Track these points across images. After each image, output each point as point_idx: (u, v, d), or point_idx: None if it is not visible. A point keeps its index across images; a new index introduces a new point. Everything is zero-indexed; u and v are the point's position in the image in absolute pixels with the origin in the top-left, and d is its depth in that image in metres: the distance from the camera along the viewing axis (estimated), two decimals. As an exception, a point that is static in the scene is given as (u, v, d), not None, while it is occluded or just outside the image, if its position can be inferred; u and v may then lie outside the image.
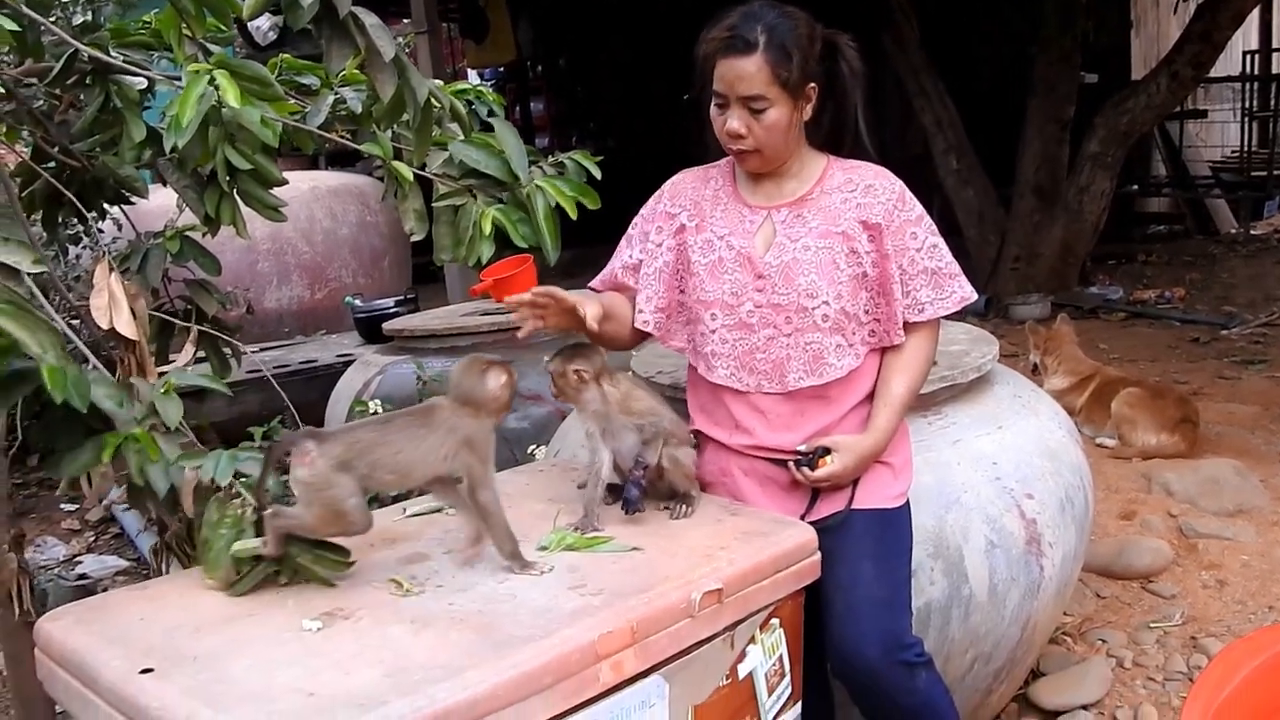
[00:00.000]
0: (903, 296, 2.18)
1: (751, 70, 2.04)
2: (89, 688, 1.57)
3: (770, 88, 2.05)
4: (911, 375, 2.22)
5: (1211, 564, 3.72)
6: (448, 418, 1.87)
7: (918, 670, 2.07)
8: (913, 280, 2.18)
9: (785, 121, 2.10)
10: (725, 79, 2.07)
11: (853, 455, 2.15)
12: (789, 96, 2.07)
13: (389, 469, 1.80)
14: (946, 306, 2.21)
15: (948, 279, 2.21)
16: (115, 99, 2.26)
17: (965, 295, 2.23)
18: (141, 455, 1.83)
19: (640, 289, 2.28)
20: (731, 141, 2.13)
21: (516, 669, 1.50)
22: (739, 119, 2.09)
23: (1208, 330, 7.15)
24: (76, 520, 5.05)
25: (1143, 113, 7.92)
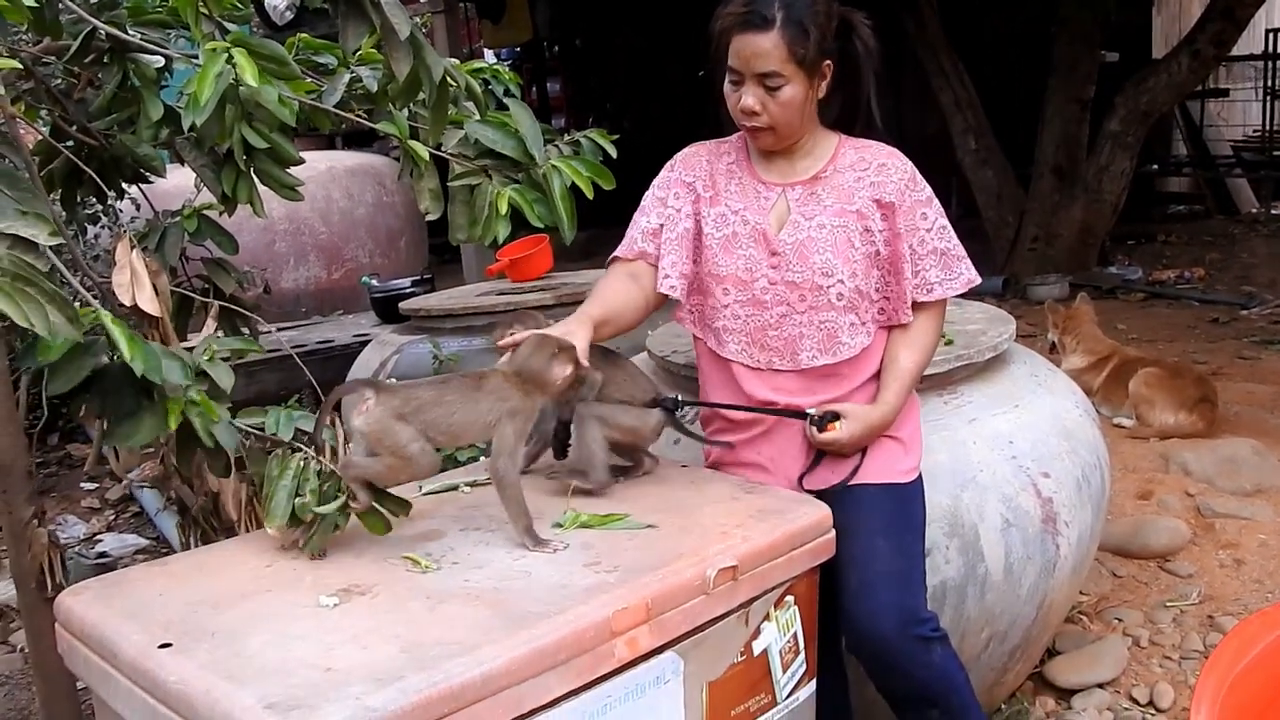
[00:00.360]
0: (913, 276, 2.18)
1: (768, 47, 2.03)
2: (109, 662, 1.59)
3: (786, 65, 2.04)
4: (919, 353, 2.22)
5: (1229, 543, 3.70)
6: (499, 386, 1.92)
7: (933, 645, 2.07)
8: (922, 260, 2.18)
9: (800, 99, 2.09)
10: (741, 55, 2.06)
11: (860, 425, 2.15)
12: (805, 74, 2.06)
13: (442, 429, 1.86)
14: (954, 288, 2.21)
15: (956, 260, 2.21)
16: (133, 77, 2.27)
17: (971, 278, 2.23)
18: (204, 417, 1.86)
19: (663, 254, 2.25)
20: (745, 119, 2.12)
21: (531, 645, 1.50)
22: (754, 96, 2.08)
23: (1227, 310, 7.11)
24: (97, 499, 5.09)
25: (1164, 92, 7.85)
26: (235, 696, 1.37)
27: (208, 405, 1.86)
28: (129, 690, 1.53)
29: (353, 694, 1.35)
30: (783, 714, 1.96)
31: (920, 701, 2.13)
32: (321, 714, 1.31)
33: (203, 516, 2.50)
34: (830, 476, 2.19)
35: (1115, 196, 8.14)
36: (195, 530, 2.54)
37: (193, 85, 1.93)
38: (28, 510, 2.30)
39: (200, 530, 2.53)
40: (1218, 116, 11.83)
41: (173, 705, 1.44)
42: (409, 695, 1.37)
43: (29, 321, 1.65)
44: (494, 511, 1.98)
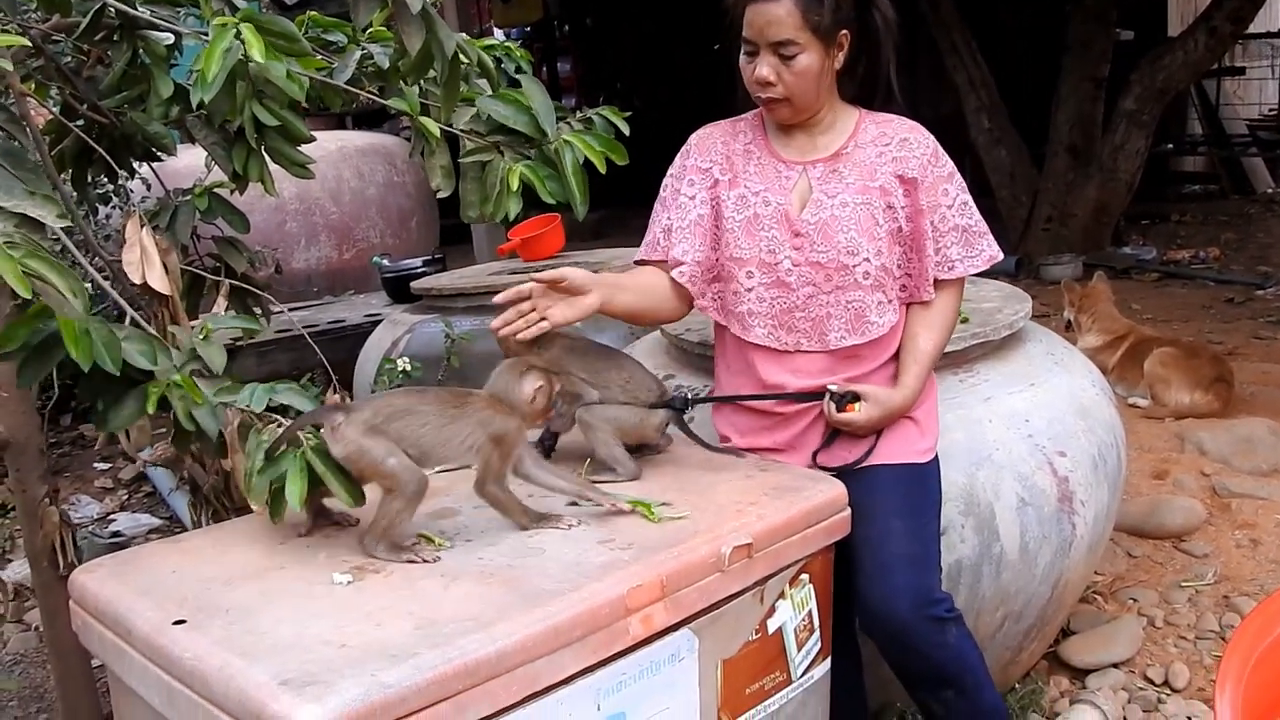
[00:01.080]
0: (934, 253, 2.16)
1: (781, 14, 2.00)
2: (123, 639, 1.59)
3: (801, 32, 2.01)
4: (938, 332, 2.20)
5: (1245, 523, 3.69)
6: (481, 409, 1.84)
7: (947, 626, 2.06)
8: (944, 237, 2.16)
9: (816, 68, 2.05)
10: (755, 24, 2.03)
11: (879, 409, 2.13)
12: (820, 42, 2.03)
13: (410, 442, 1.76)
14: (976, 265, 2.19)
15: (977, 237, 2.19)
16: (143, 54, 2.26)
17: (993, 254, 2.21)
18: (186, 400, 1.85)
19: (675, 243, 2.22)
20: (760, 89, 2.09)
21: (546, 622, 1.50)
22: (769, 66, 2.05)
23: (1243, 290, 7.06)
24: (110, 479, 5.11)
25: (1179, 70, 7.79)
26: (249, 673, 1.36)
27: (190, 388, 1.83)
28: (143, 667, 1.53)
29: (367, 670, 1.35)
30: (797, 692, 1.96)
31: (935, 682, 2.12)
32: (336, 690, 1.31)
33: (214, 495, 2.50)
34: (845, 455, 2.17)
35: (1130, 176, 8.09)
36: (207, 509, 2.54)
37: (201, 61, 1.91)
38: (40, 489, 2.31)
39: (212, 509, 2.53)
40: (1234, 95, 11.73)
41: (187, 682, 1.44)
42: (423, 671, 1.36)
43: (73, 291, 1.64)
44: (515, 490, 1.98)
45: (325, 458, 1.76)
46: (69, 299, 1.63)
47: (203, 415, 1.86)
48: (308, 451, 1.76)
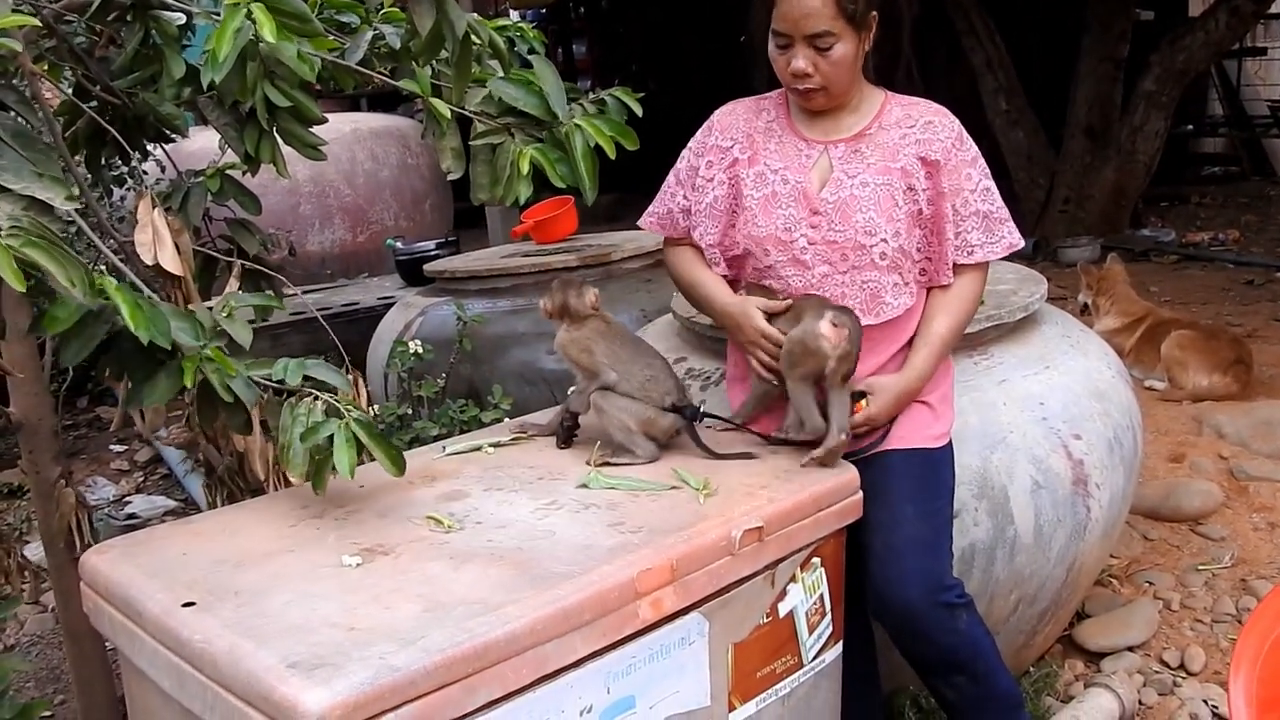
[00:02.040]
0: (954, 237, 2.14)
1: (817, 5, 1.98)
2: (133, 621, 1.59)
3: (836, 22, 1.99)
4: (955, 316, 2.18)
5: (1262, 506, 3.66)
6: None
7: (958, 611, 2.05)
8: (965, 221, 2.14)
9: (852, 56, 2.04)
10: (789, 18, 2.01)
11: (889, 396, 2.11)
12: (854, 29, 2.02)
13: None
14: (996, 251, 2.16)
15: (998, 223, 2.16)
16: (155, 35, 2.25)
17: (1014, 241, 2.18)
18: (220, 373, 1.85)
19: (695, 225, 2.23)
20: (797, 81, 2.07)
21: (555, 604, 1.49)
22: (805, 58, 2.03)
23: (1263, 273, 7.00)
24: (126, 461, 5.13)
25: (1200, 50, 7.72)
26: (258, 655, 1.36)
27: (223, 361, 1.84)
28: (153, 649, 1.53)
29: (376, 653, 1.35)
30: (809, 676, 1.95)
31: (946, 668, 2.12)
32: (345, 673, 1.31)
33: (229, 476, 2.50)
34: (858, 441, 2.15)
35: (1149, 157, 8.03)
36: (221, 491, 2.54)
37: (212, 41, 1.91)
38: (54, 470, 2.31)
39: (226, 491, 2.53)
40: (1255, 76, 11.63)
41: (196, 663, 1.44)
42: (432, 654, 1.36)
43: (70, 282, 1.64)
44: (517, 472, 1.98)
45: (368, 427, 1.79)
46: (69, 288, 1.62)
47: (239, 386, 1.87)
48: (350, 422, 1.77)
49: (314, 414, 1.84)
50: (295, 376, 1.90)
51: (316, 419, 1.83)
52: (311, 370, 1.92)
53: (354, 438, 1.78)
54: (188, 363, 1.84)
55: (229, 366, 1.86)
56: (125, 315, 1.69)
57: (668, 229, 2.31)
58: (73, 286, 1.64)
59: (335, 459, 1.76)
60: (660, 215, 2.32)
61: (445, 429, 3.27)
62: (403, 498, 1.89)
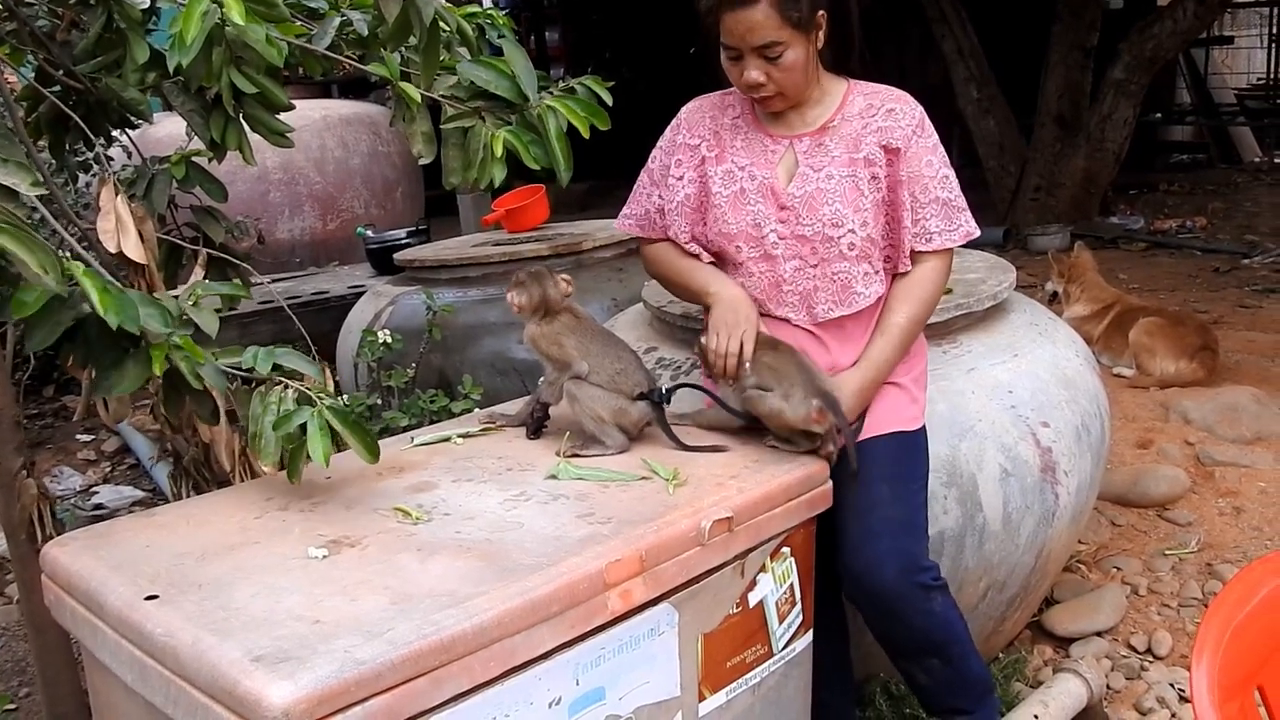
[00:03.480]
0: (912, 225, 2.13)
1: (760, 18, 1.96)
2: (95, 614, 1.57)
3: (782, 30, 1.98)
4: (914, 304, 2.16)
5: (1228, 491, 3.70)
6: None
7: (933, 593, 2.06)
8: (924, 209, 2.13)
9: (803, 60, 2.03)
10: (735, 32, 2.00)
11: (850, 394, 2.10)
12: (802, 34, 2.00)
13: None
14: (954, 239, 2.16)
15: (957, 211, 2.16)
16: (118, 19, 2.22)
17: (970, 230, 2.17)
18: (189, 360, 1.83)
19: (670, 223, 2.23)
20: (752, 91, 2.07)
21: (523, 596, 1.49)
22: (756, 69, 2.02)
23: (1229, 259, 7.08)
24: (93, 451, 5.07)
25: (1168, 39, 7.77)
26: (222, 649, 1.35)
27: (192, 348, 1.82)
28: (115, 642, 1.51)
29: (341, 646, 1.34)
30: (779, 665, 1.95)
31: (920, 650, 2.12)
32: (309, 666, 1.30)
33: (194, 468, 2.48)
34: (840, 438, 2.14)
35: (1118, 145, 8.08)
36: (187, 481, 2.52)
37: (178, 24, 1.88)
38: (16, 461, 2.28)
39: (192, 481, 2.51)
40: (1222, 64, 11.73)
41: (159, 657, 1.42)
42: (398, 647, 1.35)
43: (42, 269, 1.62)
44: (486, 463, 1.97)
45: (342, 415, 1.78)
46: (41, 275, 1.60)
47: (209, 373, 1.85)
48: (323, 410, 1.76)
49: (285, 402, 1.83)
50: (265, 364, 1.88)
51: (288, 407, 1.82)
52: (281, 358, 1.89)
53: (327, 425, 1.77)
54: (156, 350, 1.81)
55: (198, 354, 1.84)
56: (94, 299, 1.66)
57: (646, 229, 2.30)
58: (45, 273, 1.62)
59: (310, 447, 1.75)
60: (639, 217, 2.31)
61: (415, 419, 3.25)
62: (370, 489, 1.87)
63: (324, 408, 1.78)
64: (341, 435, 1.79)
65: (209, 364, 1.86)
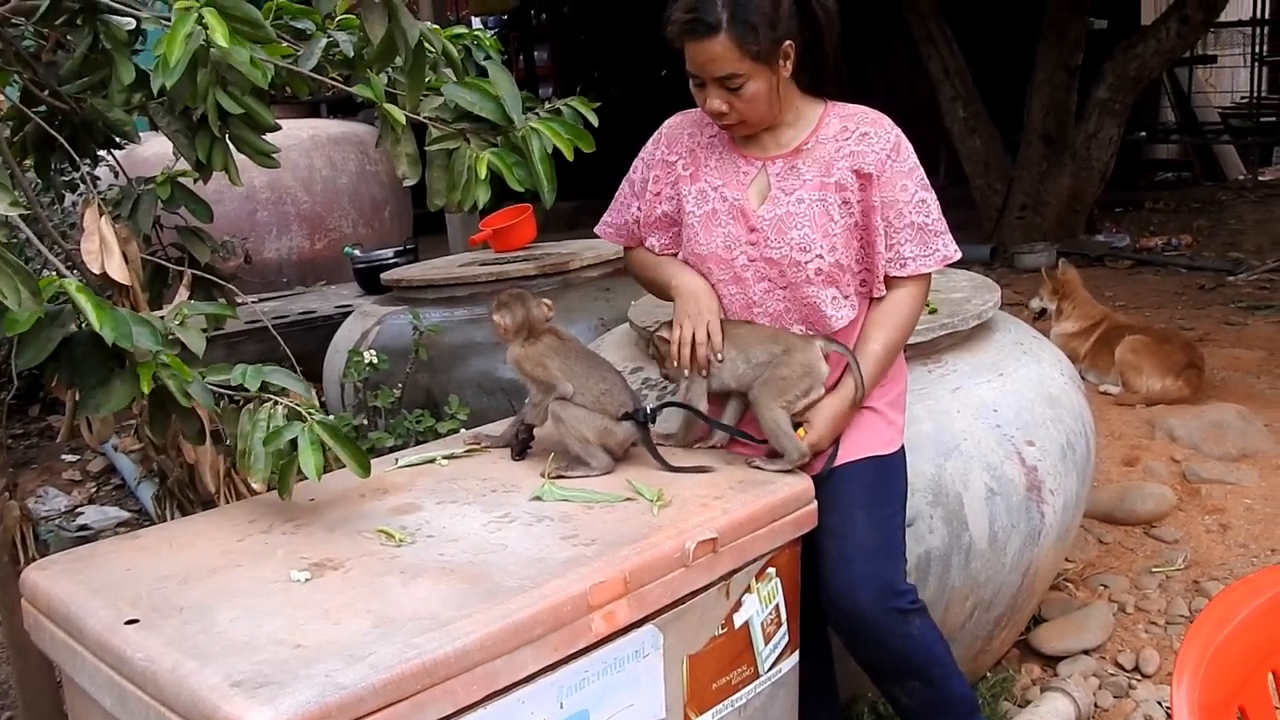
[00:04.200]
0: (885, 250, 2.12)
1: (719, 51, 1.97)
2: (74, 639, 1.56)
3: (742, 64, 1.98)
4: (891, 331, 2.15)
5: (1215, 508, 3.71)
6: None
7: (911, 617, 2.05)
8: (898, 234, 2.12)
9: (765, 90, 2.03)
10: (695, 61, 2.01)
11: (824, 424, 2.09)
12: (764, 66, 2.00)
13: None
14: (929, 264, 2.14)
15: (934, 235, 2.14)
16: (104, 39, 2.22)
17: (948, 254, 2.16)
18: (177, 379, 1.83)
19: (647, 235, 2.25)
20: (715, 119, 2.09)
21: (506, 619, 1.48)
22: (718, 98, 2.03)
23: (1214, 277, 7.10)
24: (78, 471, 5.05)
25: (1152, 58, 7.82)
26: (202, 674, 1.34)
27: (180, 367, 1.82)
28: (95, 667, 1.50)
29: (322, 671, 1.33)
30: (765, 686, 1.95)
31: (900, 673, 2.12)
32: (290, 691, 1.29)
33: (179, 489, 2.47)
34: (814, 465, 2.13)
35: (1103, 164, 8.12)
36: (171, 503, 2.51)
37: (162, 46, 1.88)
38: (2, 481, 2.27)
39: (176, 503, 2.50)
40: (1206, 83, 11.81)
41: (138, 682, 1.41)
42: (380, 671, 1.34)
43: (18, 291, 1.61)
44: (471, 485, 1.96)
45: (333, 430, 1.78)
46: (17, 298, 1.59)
47: (198, 391, 1.85)
48: (314, 425, 1.75)
49: (275, 418, 1.83)
50: (254, 381, 1.89)
51: (279, 423, 1.82)
52: (270, 375, 1.90)
53: (319, 440, 1.77)
54: (143, 368, 1.80)
55: (185, 372, 1.84)
56: (90, 315, 1.66)
57: (624, 238, 2.33)
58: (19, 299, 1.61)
59: (301, 462, 1.76)
60: (617, 226, 2.33)
61: (401, 440, 3.25)
62: (353, 511, 1.87)
63: (315, 423, 1.78)
64: (332, 450, 1.79)
65: (196, 382, 1.85)
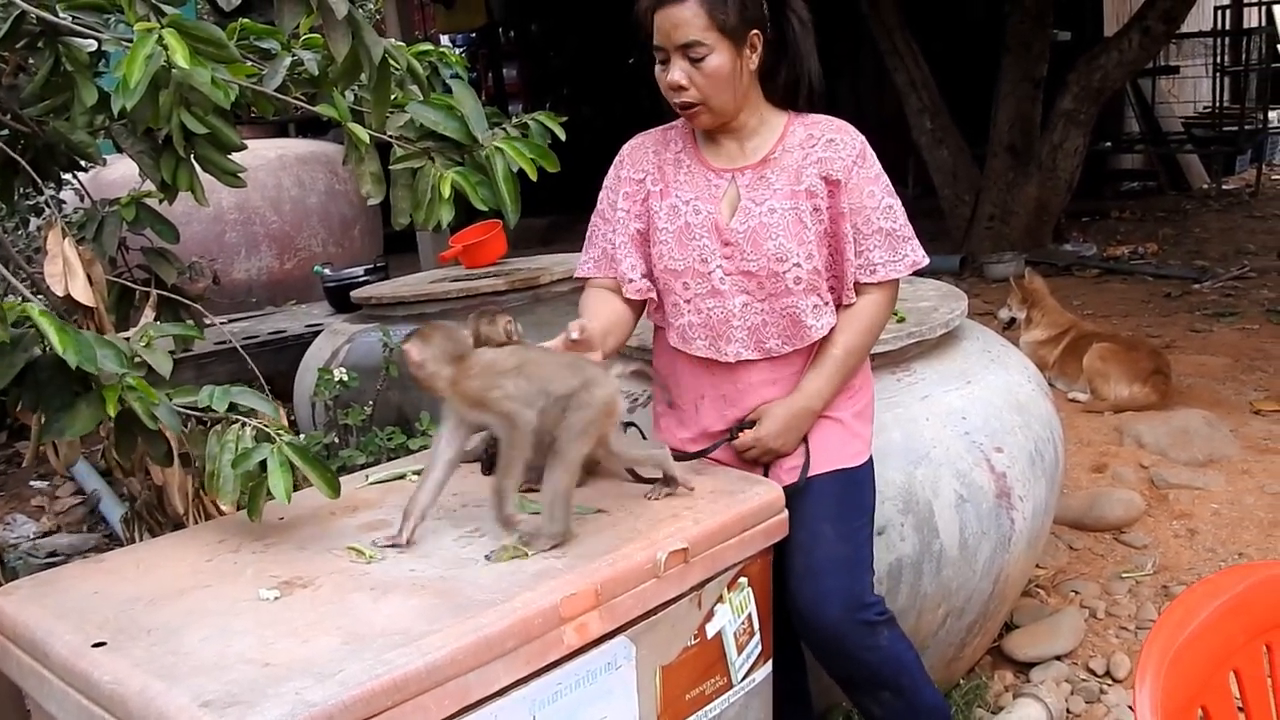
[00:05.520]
0: (855, 257, 2.12)
1: (687, 15, 1.98)
2: (41, 663, 1.54)
3: (708, 33, 1.99)
4: (856, 335, 2.16)
5: (1182, 513, 3.74)
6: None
7: (879, 628, 2.06)
8: (867, 240, 2.13)
9: (727, 69, 2.02)
10: (662, 29, 2.01)
11: (777, 421, 2.11)
12: (729, 42, 2.00)
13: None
14: (899, 269, 2.15)
15: (902, 241, 2.15)
16: (65, 62, 2.21)
17: (917, 259, 2.17)
18: (144, 401, 1.82)
19: (621, 259, 2.20)
20: (674, 94, 2.06)
21: (477, 633, 1.48)
22: (680, 70, 2.03)
23: (1180, 284, 7.17)
24: (46, 498, 5.00)
25: (1115, 69, 7.90)
26: (170, 695, 1.33)
27: (145, 389, 1.81)
28: (62, 691, 1.49)
29: (291, 689, 1.32)
30: (739, 696, 1.95)
31: (870, 684, 2.12)
32: (258, 711, 1.28)
33: (147, 511, 2.45)
34: (784, 477, 2.14)
35: (1069, 174, 8.20)
36: (140, 525, 2.49)
37: (122, 68, 1.88)
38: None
39: (146, 525, 2.48)
40: (1169, 93, 11.93)
41: (106, 705, 1.40)
42: (349, 688, 1.34)
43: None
44: (441, 500, 1.96)
45: (302, 451, 1.79)
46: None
47: (164, 413, 1.85)
48: (282, 446, 1.75)
49: (244, 440, 1.83)
50: (222, 403, 1.89)
51: (247, 445, 1.82)
52: (238, 396, 1.91)
53: (288, 461, 1.78)
54: (109, 391, 1.80)
55: (151, 394, 1.83)
56: (53, 339, 1.65)
57: (604, 269, 2.24)
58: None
59: (270, 484, 1.76)
60: (596, 259, 2.25)
61: (373, 457, 3.24)
62: (323, 528, 1.86)
63: (283, 444, 1.78)
64: (301, 471, 1.79)
65: (163, 404, 1.85)
